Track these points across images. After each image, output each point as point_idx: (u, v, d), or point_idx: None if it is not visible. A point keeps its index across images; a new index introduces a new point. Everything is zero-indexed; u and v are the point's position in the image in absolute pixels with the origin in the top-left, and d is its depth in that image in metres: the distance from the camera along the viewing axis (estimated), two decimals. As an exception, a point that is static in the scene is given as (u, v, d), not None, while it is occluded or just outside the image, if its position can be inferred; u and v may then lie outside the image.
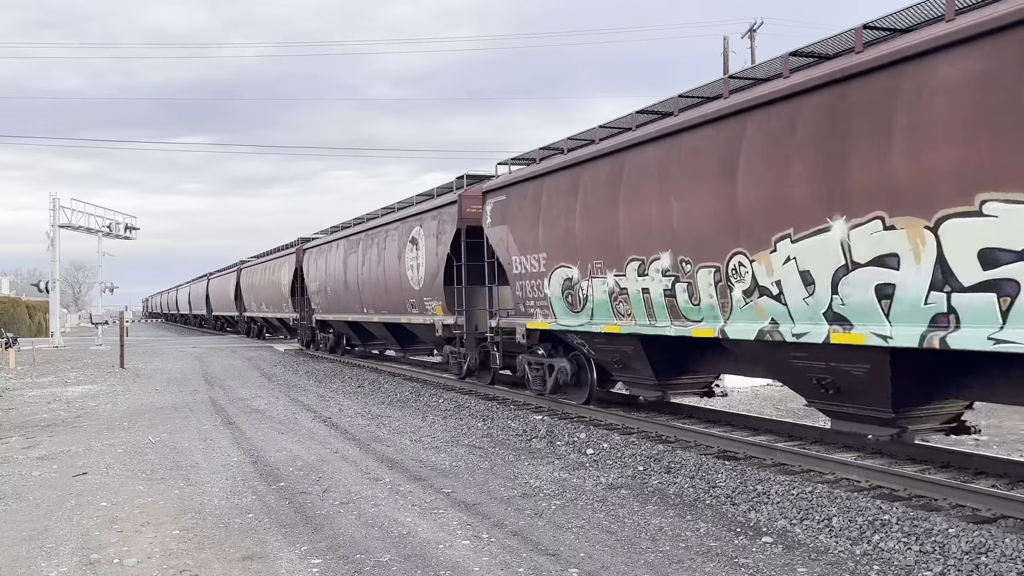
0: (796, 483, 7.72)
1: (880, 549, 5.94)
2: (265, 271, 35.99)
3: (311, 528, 6.75)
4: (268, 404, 15.15)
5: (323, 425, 12.39)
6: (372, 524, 6.83)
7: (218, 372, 22.69)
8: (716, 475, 8.23)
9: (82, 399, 16.66)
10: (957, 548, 5.81)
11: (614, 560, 5.83)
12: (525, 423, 11.83)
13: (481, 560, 5.86)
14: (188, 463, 9.59)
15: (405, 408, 14.27)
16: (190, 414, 13.98)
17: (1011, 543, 5.78)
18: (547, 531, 6.56)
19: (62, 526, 6.97)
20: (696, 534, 6.45)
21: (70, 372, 23.88)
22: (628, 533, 6.49)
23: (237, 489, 8.20)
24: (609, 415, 11.84)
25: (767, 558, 5.85)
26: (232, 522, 6.98)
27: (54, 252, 38.58)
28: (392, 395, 16.20)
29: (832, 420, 8.39)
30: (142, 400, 16.24)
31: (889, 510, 6.70)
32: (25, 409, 15.22)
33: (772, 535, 6.40)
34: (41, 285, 42.00)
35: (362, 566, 5.77)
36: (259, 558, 6.01)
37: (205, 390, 17.94)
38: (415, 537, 6.44)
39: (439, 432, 11.52)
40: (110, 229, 41.73)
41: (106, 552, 6.21)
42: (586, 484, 8.18)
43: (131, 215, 43.49)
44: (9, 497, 8.08)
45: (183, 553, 6.15)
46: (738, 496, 7.48)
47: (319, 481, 8.48)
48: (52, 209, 37.98)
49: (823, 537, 6.29)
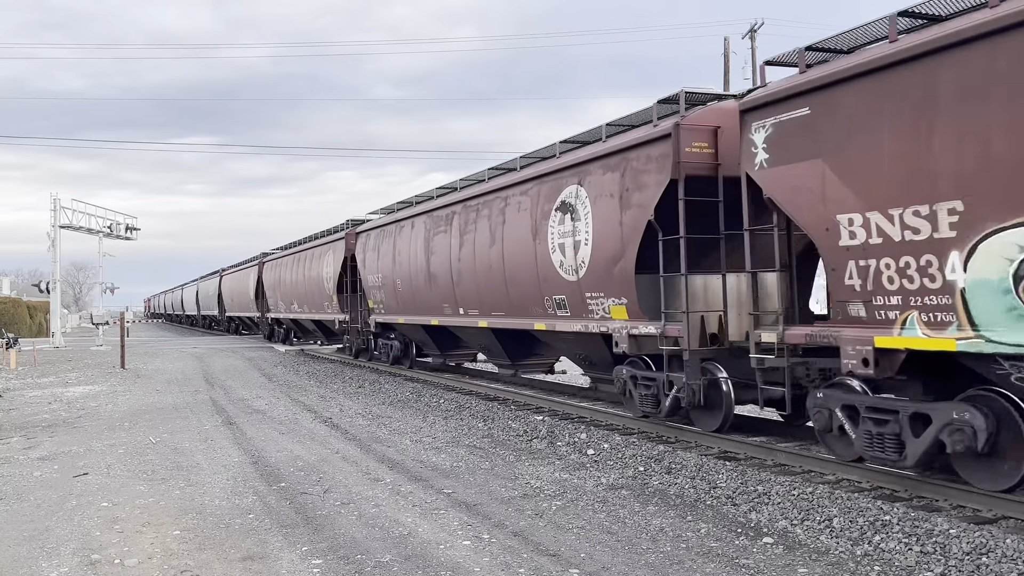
0: (797, 484, 7.72)
1: (881, 550, 5.94)
2: (298, 264, 29.80)
3: (312, 528, 6.75)
4: (269, 404, 15.16)
5: (324, 425, 12.40)
6: (373, 524, 6.83)
7: (219, 373, 22.70)
8: (717, 476, 8.23)
9: (83, 399, 16.66)
10: (958, 549, 5.80)
11: (615, 560, 5.83)
12: (526, 423, 11.83)
13: (482, 561, 5.86)
14: (189, 463, 9.59)
15: (406, 408, 14.27)
16: (191, 414, 13.99)
17: (1012, 544, 5.78)
18: (548, 531, 6.56)
19: (63, 526, 6.98)
20: (697, 535, 6.45)
21: (71, 373, 23.89)
22: (629, 534, 6.49)
23: (238, 489, 8.20)
24: (610, 415, 11.81)
25: (768, 559, 5.85)
26: (233, 522, 6.98)
27: (55, 252, 38.60)
28: (393, 395, 16.20)
29: None
30: (143, 400, 16.24)
31: (890, 511, 6.70)
32: (26, 409, 15.23)
33: (773, 536, 6.40)
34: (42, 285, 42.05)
35: (363, 566, 5.77)
36: (260, 558, 6.01)
37: (206, 390, 17.95)
38: (416, 537, 6.44)
39: (440, 432, 11.52)
40: (111, 229, 41.78)
41: (107, 552, 6.21)
42: (587, 484, 8.18)
43: (131, 215, 43.63)
44: (10, 497, 8.08)
45: (184, 553, 6.15)
46: (739, 497, 7.48)
47: (320, 481, 8.48)
48: (53, 209, 38.01)
49: (824, 538, 6.29)
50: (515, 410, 13.26)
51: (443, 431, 11.66)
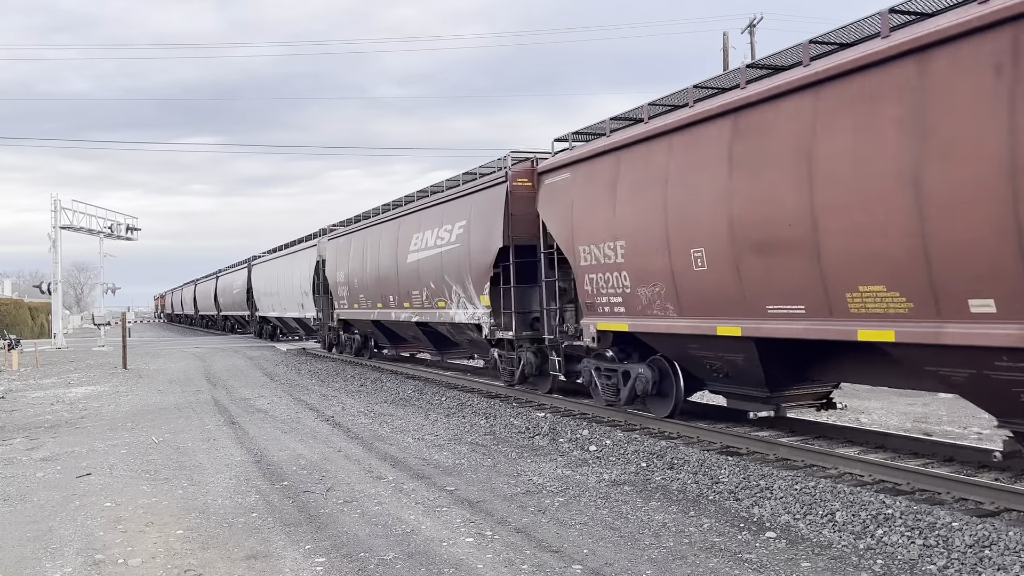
0: (799, 478, 7.72)
1: (884, 543, 5.94)
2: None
3: (315, 527, 6.76)
4: (271, 404, 15.16)
5: (326, 424, 12.40)
6: (376, 522, 6.84)
7: (221, 372, 22.71)
8: (719, 471, 8.23)
9: (85, 400, 16.68)
10: (961, 542, 5.80)
11: (617, 556, 5.83)
12: (528, 420, 11.83)
13: (485, 557, 5.86)
14: (192, 463, 9.60)
15: (408, 406, 14.28)
16: (193, 414, 14.00)
17: (1015, 536, 5.78)
18: (550, 528, 6.56)
19: (66, 527, 6.99)
20: (699, 530, 6.45)
21: (73, 373, 23.91)
22: (631, 529, 6.49)
23: (241, 488, 8.21)
24: (612, 412, 11.82)
25: (771, 553, 5.85)
26: (236, 521, 6.99)
27: (56, 253, 38.59)
28: (395, 394, 16.20)
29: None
30: (145, 401, 16.26)
31: (893, 504, 6.70)
32: (28, 411, 15.24)
33: (776, 530, 6.40)
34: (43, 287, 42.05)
35: (366, 564, 5.78)
36: (263, 557, 6.02)
37: (208, 390, 17.96)
38: (419, 535, 6.44)
39: (442, 430, 11.53)
40: (111, 230, 41.77)
41: (110, 552, 6.22)
42: (589, 481, 8.19)
43: (132, 216, 43.56)
44: (13, 498, 8.09)
45: (187, 553, 6.16)
46: (741, 492, 7.48)
47: (322, 480, 8.49)
48: (53, 210, 38.00)
49: (827, 532, 6.29)
50: (517, 407, 13.26)
51: (445, 428, 11.67)
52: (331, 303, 25.58)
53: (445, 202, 16.50)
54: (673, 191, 9.46)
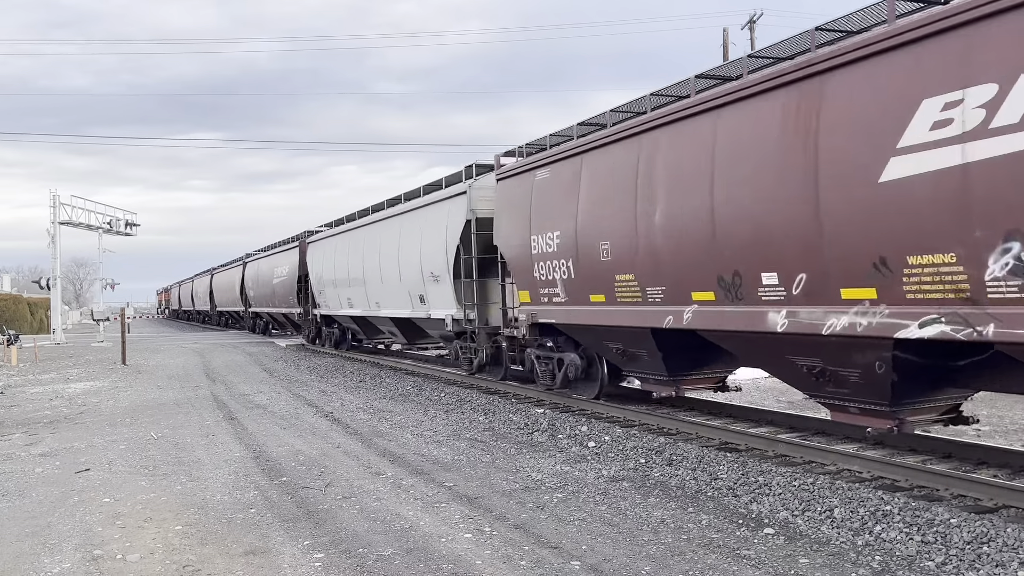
0: (798, 474, 7.73)
1: (882, 539, 5.95)
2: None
3: (313, 523, 6.76)
4: (270, 399, 15.17)
5: (325, 420, 12.41)
6: (374, 518, 6.84)
7: (220, 368, 22.71)
8: (718, 467, 8.24)
9: (84, 396, 16.68)
10: (959, 538, 5.81)
11: (616, 552, 5.84)
12: (527, 416, 11.84)
13: (483, 553, 5.87)
14: (190, 459, 9.61)
15: (407, 402, 14.28)
16: (192, 410, 14.00)
17: (1013, 533, 5.79)
18: (549, 524, 6.57)
19: (65, 522, 6.99)
20: (698, 526, 6.45)
21: (72, 369, 23.91)
22: (630, 525, 6.50)
23: (239, 484, 8.21)
24: (611, 408, 11.84)
25: (769, 549, 5.85)
26: (235, 517, 6.99)
27: (55, 249, 38.55)
28: (394, 390, 16.21)
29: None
30: (144, 396, 16.26)
31: (891, 500, 6.71)
32: (27, 406, 15.25)
33: (774, 526, 6.41)
34: (42, 282, 42.04)
35: (365, 560, 5.78)
36: (262, 553, 6.02)
37: (207, 386, 17.96)
38: (417, 531, 6.45)
39: (441, 426, 11.54)
40: (110, 225, 41.74)
41: (109, 548, 6.22)
42: (588, 477, 8.19)
43: (131, 211, 43.56)
44: (12, 494, 8.09)
45: (186, 548, 6.16)
46: (740, 488, 7.49)
47: (321, 476, 8.49)
48: (52, 206, 37.95)
49: (825, 528, 6.30)
50: (516, 403, 13.27)
51: (444, 425, 11.67)
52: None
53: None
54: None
